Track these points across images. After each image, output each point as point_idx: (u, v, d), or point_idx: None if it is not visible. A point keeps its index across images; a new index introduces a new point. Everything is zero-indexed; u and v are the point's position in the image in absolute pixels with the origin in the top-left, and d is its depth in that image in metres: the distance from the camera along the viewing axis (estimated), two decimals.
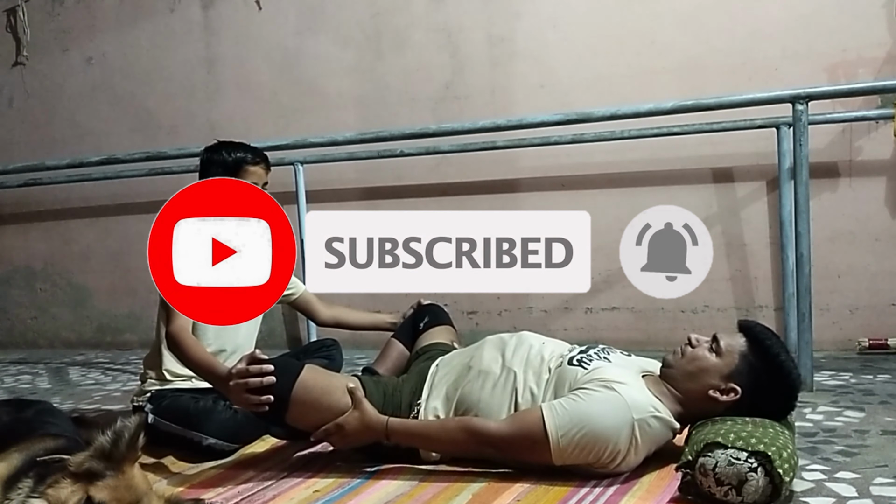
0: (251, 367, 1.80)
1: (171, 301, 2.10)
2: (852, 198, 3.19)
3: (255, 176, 2.31)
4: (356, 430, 1.83)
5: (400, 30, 3.78)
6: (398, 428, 1.83)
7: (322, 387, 1.86)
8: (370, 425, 1.82)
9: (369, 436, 1.84)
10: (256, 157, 2.32)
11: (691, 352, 1.82)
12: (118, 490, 1.32)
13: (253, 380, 1.79)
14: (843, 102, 3.07)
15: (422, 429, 1.85)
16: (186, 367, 2.13)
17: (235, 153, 2.30)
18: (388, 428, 1.83)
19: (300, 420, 1.86)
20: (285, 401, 1.81)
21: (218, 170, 2.28)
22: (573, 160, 3.52)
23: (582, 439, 1.68)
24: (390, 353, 2.32)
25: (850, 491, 1.65)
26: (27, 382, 3.48)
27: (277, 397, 1.79)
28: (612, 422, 1.68)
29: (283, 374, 1.82)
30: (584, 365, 1.83)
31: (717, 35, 3.30)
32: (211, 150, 2.34)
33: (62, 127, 4.44)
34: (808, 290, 2.55)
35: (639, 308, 3.49)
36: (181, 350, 2.06)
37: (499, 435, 1.76)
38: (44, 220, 4.55)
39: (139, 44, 4.27)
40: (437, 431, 1.83)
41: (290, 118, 3.96)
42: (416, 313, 2.39)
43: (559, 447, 1.69)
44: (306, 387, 1.83)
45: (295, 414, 1.83)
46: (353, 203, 3.91)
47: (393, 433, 1.83)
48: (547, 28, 3.54)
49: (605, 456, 1.69)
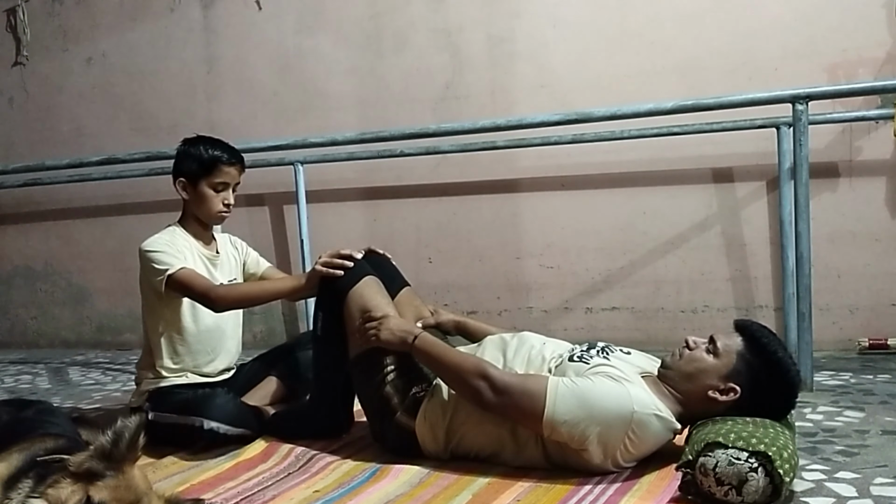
0: (342, 251, 2.15)
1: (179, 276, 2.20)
2: (852, 198, 3.19)
3: (228, 176, 2.32)
4: (395, 325, 1.96)
5: (400, 30, 3.78)
6: (426, 340, 1.93)
7: (379, 290, 2.10)
8: (406, 328, 1.97)
9: (403, 336, 1.94)
10: (232, 158, 2.32)
11: (689, 354, 1.82)
12: (118, 490, 1.32)
13: (336, 260, 2.12)
14: (843, 102, 3.07)
15: (442, 352, 1.91)
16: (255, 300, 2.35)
17: (213, 150, 2.30)
18: (418, 338, 1.92)
19: (354, 302, 2.05)
20: (352, 283, 2.07)
21: (193, 164, 2.29)
22: (573, 160, 3.52)
23: (576, 415, 1.69)
24: None
25: (850, 491, 1.65)
26: (27, 382, 3.49)
27: (348, 278, 2.09)
28: (612, 406, 1.69)
29: (351, 274, 2.10)
30: (584, 361, 1.84)
31: (717, 35, 3.30)
32: (189, 143, 2.34)
33: (62, 127, 4.44)
34: (808, 290, 2.55)
35: (639, 308, 3.49)
36: (235, 297, 2.26)
37: (502, 380, 1.78)
38: (44, 220, 4.55)
39: (139, 44, 4.27)
40: (453, 360, 1.88)
41: (290, 118, 3.96)
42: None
43: (553, 415, 1.70)
44: (368, 283, 2.09)
45: (353, 296, 2.06)
46: (353, 203, 3.91)
47: (421, 342, 1.92)
48: (547, 28, 3.54)
49: (594, 442, 1.69)
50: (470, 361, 1.86)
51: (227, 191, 2.33)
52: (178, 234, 2.34)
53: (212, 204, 2.31)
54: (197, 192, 2.31)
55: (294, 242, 3.81)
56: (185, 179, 2.31)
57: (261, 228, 4.00)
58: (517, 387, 1.77)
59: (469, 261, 3.74)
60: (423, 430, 1.93)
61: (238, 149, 2.40)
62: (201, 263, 2.33)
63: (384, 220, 3.87)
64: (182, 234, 2.35)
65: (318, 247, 3.73)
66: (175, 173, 2.33)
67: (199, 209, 2.33)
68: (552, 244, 3.60)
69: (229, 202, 2.34)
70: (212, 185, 2.30)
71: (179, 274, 2.19)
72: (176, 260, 2.21)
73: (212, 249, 2.41)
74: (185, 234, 2.35)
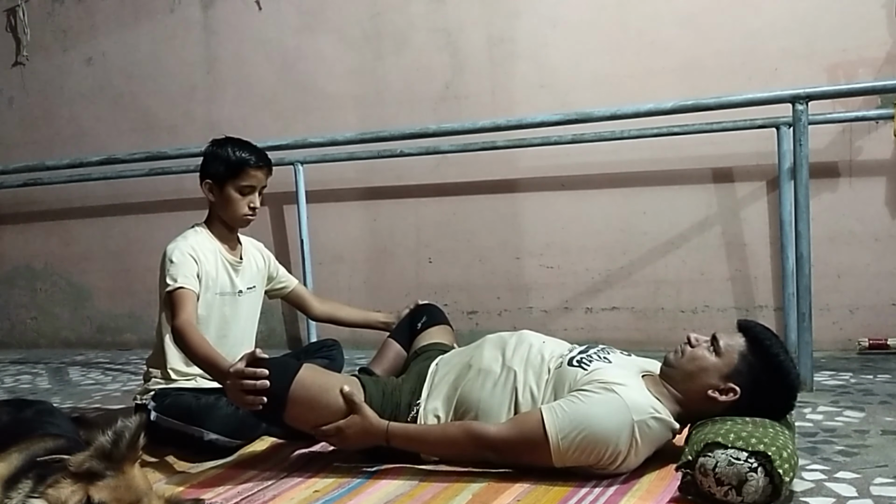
0: (247, 370, 1.80)
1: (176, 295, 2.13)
2: (852, 198, 3.19)
3: (255, 179, 2.29)
4: (356, 433, 1.83)
5: (400, 30, 3.78)
6: (398, 433, 1.84)
7: (320, 385, 1.86)
8: (370, 430, 1.83)
9: (369, 440, 1.85)
10: (260, 162, 2.30)
11: (691, 351, 1.82)
12: (118, 490, 1.32)
13: (248, 381, 1.79)
14: (843, 102, 3.07)
15: (422, 433, 1.85)
16: (191, 360, 2.14)
17: (241, 153, 2.28)
18: (389, 433, 1.83)
19: (298, 419, 1.86)
20: (283, 400, 1.81)
21: (220, 166, 2.28)
22: (573, 160, 3.52)
23: (582, 441, 1.68)
24: (387, 354, 2.32)
25: (850, 491, 1.65)
26: (27, 382, 3.49)
27: (275, 396, 1.80)
28: (612, 423, 1.68)
29: (281, 373, 1.82)
30: (583, 366, 1.83)
31: (717, 35, 3.30)
32: (217, 144, 2.32)
33: (62, 127, 4.44)
34: (808, 290, 2.55)
35: (639, 308, 3.49)
36: (186, 343, 2.06)
37: (499, 438, 1.76)
38: (44, 220, 4.55)
39: (139, 44, 4.26)
40: (438, 436, 1.83)
41: (290, 118, 3.96)
42: (412, 313, 2.39)
43: (559, 449, 1.69)
44: (304, 385, 1.83)
45: (293, 413, 1.84)
46: (353, 203, 3.91)
47: (393, 437, 1.83)
48: (547, 28, 3.54)
49: (606, 458, 1.70)
50: (451, 430, 1.82)
51: (254, 194, 2.30)
52: (203, 235, 2.32)
53: (237, 207, 2.29)
54: (223, 194, 2.28)
55: (294, 242, 3.80)
56: (212, 181, 2.29)
57: (261, 228, 3.99)
58: (514, 435, 1.74)
59: (469, 261, 3.74)
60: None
61: None
62: (223, 268, 2.32)
63: (384, 220, 3.87)
64: (207, 236, 2.33)
65: (318, 247, 3.74)
66: (202, 175, 2.32)
67: (224, 212, 2.31)
68: (552, 244, 3.60)
69: (255, 206, 2.31)
70: (238, 189, 2.27)
71: (177, 293, 2.15)
72: (184, 278, 2.18)
73: (236, 255, 2.38)
74: (210, 236, 2.33)
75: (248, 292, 2.40)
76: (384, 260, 3.86)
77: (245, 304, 2.39)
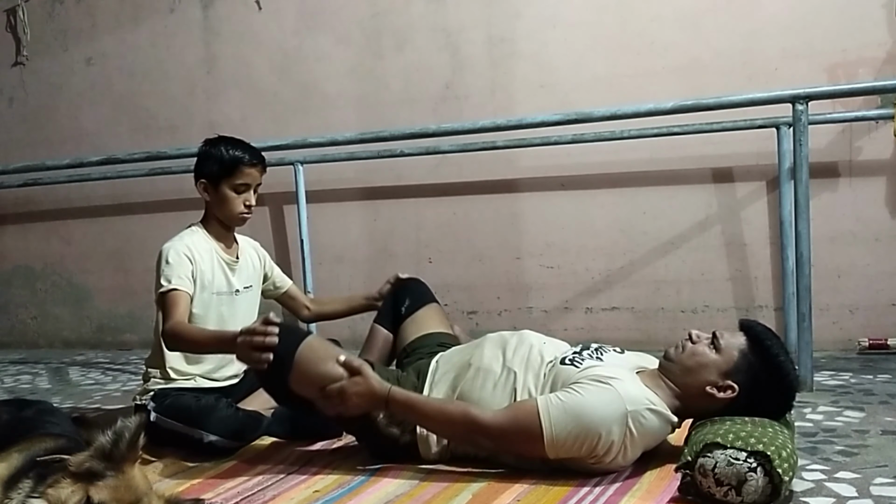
0: (257, 327, 1.81)
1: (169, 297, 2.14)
2: (852, 198, 3.19)
3: (250, 177, 2.30)
4: (358, 393, 1.80)
5: (400, 30, 3.78)
6: (399, 397, 1.82)
7: (327, 351, 1.86)
8: (372, 390, 1.81)
9: (370, 401, 1.82)
10: (254, 159, 2.30)
11: (691, 347, 1.82)
12: (118, 490, 1.32)
13: (258, 338, 1.80)
14: (843, 102, 3.07)
15: (421, 403, 1.85)
16: (198, 352, 2.17)
17: (234, 151, 2.28)
18: (390, 395, 1.81)
19: (303, 382, 1.83)
20: (290, 361, 1.81)
21: (214, 165, 2.28)
22: (573, 160, 3.52)
23: (575, 429, 1.68)
24: (375, 342, 2.32)
25: (850, 491, 1.65)
26: (27, 382, 3.49)
27: (282, 357, 1.80)
28: (605, 413, 1.68)
29: (291, 335, 1.84)
30: (576, 364, 1.84)
31: (717, 35, 3.30)
32: (210, 144, 2.33)
33: (62, 127, 4.44)
34: (808, 290, 2.55)
35: (639, 308, 3.49)
36: (183, 339, 2.08)
37: (494, 424, 1.76)
38: (44, 220, 4.55)
39: (139, 44, 4.26)
40: (435, 410, 1.83)
41: (290, 118, 3.96)
42: (394, 292, 2.38)
43: (553, 439, 1.69)
44: (312, 348, 1.84)
45: (297, 376, 1.82)
46: (353, 203, 3.91)
47: (393, 401, 1.82)
48: (547, 28, 3.54)
49: (599, 447, 1.69)
50: (453, 410, 1.82)
51: (249, 192, 2.31)
52: (200, 235, 2.33)
53: (233, 205, 2.29)
54: (218, 193, 2.29)
55: (294, 242, 3.80)
56: (207, 181, 2.29)
57: (261, 228, 3.99)
58: (509, 422, 1.75)
59: (469, 261, 3.74)
60: (421, 438, 1.91)
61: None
62: (219, 267, 2.32)
63: (384, 220, 3.87)
64: (203, 235, 2.33)
65: (318, 246, 3.74)
66: (196, 175, 2.32)
67: (220, 211, 2.31)
68: (552, 244, 3.60)
69: (251, 203, 2.32)
70: (233, 187, 2.28)
71: (170, 294, 2.16)
72: (178, 279, 2.18)
73: (232, 254, 2.39)
74: (207, 236, 2.33)
75: (245, 291, 2.40)
76: (384, 260, 3.85)
77: (242, 303, 2.39)
